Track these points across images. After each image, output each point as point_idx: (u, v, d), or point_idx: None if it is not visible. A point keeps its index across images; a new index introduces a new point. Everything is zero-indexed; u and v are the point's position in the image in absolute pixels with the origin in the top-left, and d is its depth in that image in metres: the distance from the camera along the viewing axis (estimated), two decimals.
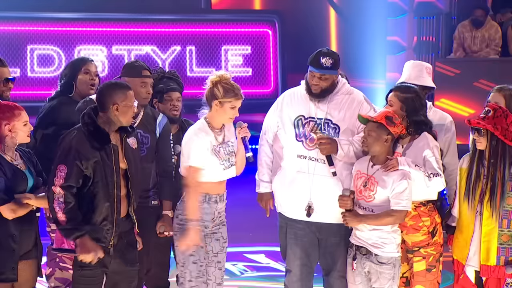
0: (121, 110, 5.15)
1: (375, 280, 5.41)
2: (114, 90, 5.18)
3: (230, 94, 5.41)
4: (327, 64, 5.52)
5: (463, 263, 5.49)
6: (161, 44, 14.05)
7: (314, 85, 5.54)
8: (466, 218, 5.48)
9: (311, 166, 5.54)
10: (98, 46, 13.91)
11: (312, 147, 5.55)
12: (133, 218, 5.30)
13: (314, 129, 5.55)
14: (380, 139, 5.36)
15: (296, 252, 5.68)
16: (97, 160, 5.08)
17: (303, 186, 5.55)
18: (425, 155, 5.46)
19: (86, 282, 5.17)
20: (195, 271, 5.46)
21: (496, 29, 12.42)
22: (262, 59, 14.48)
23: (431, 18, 13.70)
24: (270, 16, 14.53)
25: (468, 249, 5.45)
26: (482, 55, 12.41)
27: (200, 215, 5.45)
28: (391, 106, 5.59)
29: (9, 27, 13.60)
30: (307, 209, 5.56)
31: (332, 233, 5.61)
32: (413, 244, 5.52)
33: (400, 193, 5.32)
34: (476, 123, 5.37)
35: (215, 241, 5.56)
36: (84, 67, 6.18)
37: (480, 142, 5.40)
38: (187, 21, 14.25)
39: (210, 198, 5.50)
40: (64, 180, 5.03)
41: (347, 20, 14.86)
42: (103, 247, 5.15)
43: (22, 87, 12.58)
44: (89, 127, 5.12)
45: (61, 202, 5.03)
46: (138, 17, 14.03)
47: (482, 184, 5.41)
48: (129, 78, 5.89)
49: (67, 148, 5.08)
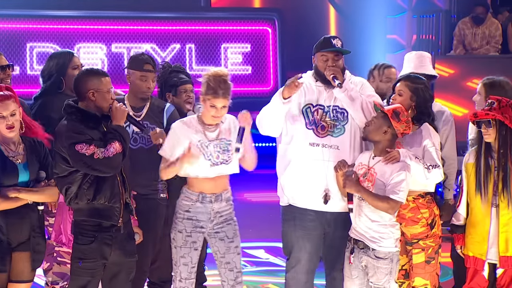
0: (97, 96, 5.13)
1: (372, 275, 5.39)
2: (88, 76, 5.18)
3: (210, 91, 5.34)
4: (338, 44, 5.56)
5: (483, 258, 5.47)
6: (161, 42, 14.05)
7: (331, 67, 5.49)
8: (480, 212, 5.46)
9: (325, 153, 5.51)
10: (98, 44, 13.91)
11: (324, 134, 5.53)
12: (130, 206, 5.28)
13: (324, 117, 5.54)
14: (380, 129, 5.35)
15: (306, 246, 5.63)
16: (100, 137, 5.08)
17: (319, 173, 5.51)
18: (425, 145, 5.46)
19: (86, 274, 5.15)
20: (185, 272, 5.44)
21: (497, 26, 12.41)
22: (261, 57, 14.48)
23: (430, 16, 13.69)
24: (270, 14, 14.54)
25: (486, 244, 5.43)
26: (482, 52, 12.41)
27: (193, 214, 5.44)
28: (400, 96, 5.57)
29: (8, 24, 13.60)
30: (324, 196, 5.51)
31: (340, 226, 5.58)
32: (412, 236, 5.51)
33: (397, 183, 5.29)
34: (484, 115, 5.36)
35: (219, 241, 5.50)
36: (71, 63, 6.11)
37: (489, 134, 5.39)
38: (187, 19, 14.25)
39: (204, 198, 5.45)
40: (88, 146, 5.01)
41: (346, 18, 14.86)
42: (114, 225, 5.15)
43: (22, 85, 12.55)
44: (75, 115, 5.11)
45: (106, 147, 5.04)
46: (138, 15, 14.03)
47: (494, 176, 5.40)
48: (131, 70, 5.90)
49: (67, 133, 5.06)
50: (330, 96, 5.58)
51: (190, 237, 5.43)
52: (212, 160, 5.42)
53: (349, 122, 5.56)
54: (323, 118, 5.55)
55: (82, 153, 5.01)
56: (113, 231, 5.17)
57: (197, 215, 5.45)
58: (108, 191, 5.11)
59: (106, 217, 5.13)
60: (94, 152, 5.01)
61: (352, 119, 5.56)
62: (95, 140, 5.07)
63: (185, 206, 5.46)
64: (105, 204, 5.12)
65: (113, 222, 5.14)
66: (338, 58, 5.57)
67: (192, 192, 5.45)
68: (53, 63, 6.13)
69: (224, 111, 5.42)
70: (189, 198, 5.46)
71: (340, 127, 5.55)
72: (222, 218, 5.51)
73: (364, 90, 5.64)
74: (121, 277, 5.29)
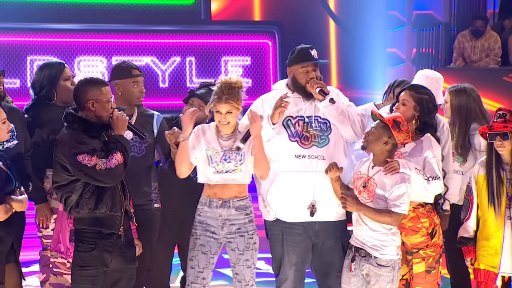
0: (97, 106, 5.13)
1: (374, 283, 5.37)
2: (87, 86, 5.17)
3: (214, 96, 5.34)
4: (316, 55, 5.57)
5: (495, 271, 5.45)
6: (161, 55, 14.04)
7: (315, 81, 5.49)
8: (493, 225, 5.45)
9: (313, 164, 5.51)
10: (98, 57, 13.90)
11: (309, 145, 5.52)
12: (129, 212, 5.28)
13: (306, 128, 5.52)
14: (380, 140, 5.34)
15: (292, 259, 5.62)
16: (102, 147, 5.08)
17: (306, 185, 5.50)
18: (426, 156, 5.45)
19: (87, 281, 5.14)
20: (192, 276, 5.43)
21: (496, 39, 12.45)
22: (262, 70, 14.47)
23: (430, 30, 13.72)
24: (270, 27, 14.54)
25: (499, 256, 5.41)
26: (481, 65, 12.44)
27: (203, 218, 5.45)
28: (404, 105, 5.56)
29: (9, 38, 13.59)
30: (311, 208, 5.51)
31: (328, 235, 5.58)
32: (412, 246, 5.49)
33: (398, 196, 5.29)
34: (502, 127, 5.34)
35: (231, 251, 5.49)
36: (63, 74, 6.05)
37: (504, 147, 5.37)
38: (187, 32, 14.24)
39: (211, 202, 5.44)
40: (91, 157, 5.01)
41: (346, 32, 14.87)
42: (115, 233, 5.14)
43: (22, 98, 12.52)
44: (76, 124, 5.11)
45: (108, 158, 5.04)
46: (138, 28, 14.03)
47: (506, 188, 5.38)
48: (119, 80, 5.87)
49: (70, 143, 5.05)
50: (310, 107, 5.57)
51: (199, 240, 5.43)
52: (216, 168, 5.41)
53: (332, 132, 5.56)
54: (305, 129, 5.53)
55: (84, 164, 5.00)
56: (114, 238, 5.17)
57: (207, 219, 5.45)
58: (110, 200, 5.11)
59: (107, 226, 5.13)
60: (96, 163, 5.00)
61: (335, 128, 5.55)
62: (97, 151, 5.06)
63: (198, 210, 5.49)
64: (106, 213, 5.12)
65: (114, 230, 5.14)
66: (316, 69, 5.57)
67: (203, 197, 5.49)
68: (44, 74, 6.03)
69: (231, 118, 5.37)
70: (201, 202, 5.49)
71: (324, 137, 5.55)
72: (235, 228, 5.46)
73: (340, 100, 5.61)
74: (122, 284, 5.29)
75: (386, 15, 14.67)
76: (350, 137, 5.61)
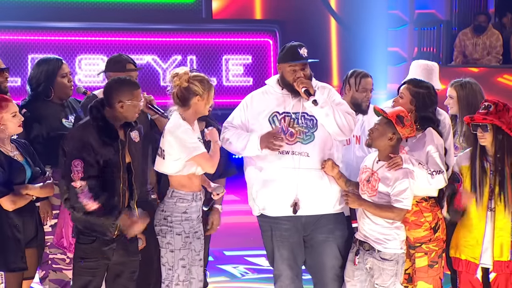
0: (126, 107, 5.12)
1: (377, 277, 5.36)
2: (121, 87, 5.15)
3: (206, 84, 5.35)
4: (305, 54, 5.51)
5: (476, 262, 5.45)
6: (162, 54, 14.05)
7: (301, 80, 5.44)
8: (475, 216, 5.44)
9: (296, 161, 5.47)
10: (99, 55, 13.90)
11: (293, 141, 5.48)
12: (133, 210, 5.25)
13: (292, 124, 5.49)
14: (385, 136, 5.32)
15: (283, 254, 5.60)
16: (110, 158, 5.06)
17: (289, 181, 5.47)
18: (429, 151, 5.43)
19: (87, 273, 5.14)
20: (182, 274, 5.39)
21: (497, 37, 12.43)
22: (263, 69, 14.47)
23: (431, 29, 13.72)
24: (271, 25, 14.54)
25: (480, 247, 5.40)
26: (483, 63, 12.42)
27: (190, 214, 5.40)
28: (402, 98, 5.57)
29: (10, 36, 13.60)
30: (293, 206, 5.48)
31: (318, 229, 5.55)
32: (415, 240, 5.48)
33: (401, 191, 5.28)
34: (482, 119, 5.34)
35: (197, 239, 5.47)
36: (60, 71, 6.01)
37: (485, 138, 5.37)
38: (188, 30, 14.25)
39: (196, 196, 5.42)
40: (83, 173, 4.98)
41: (348, 31, 14.86)
42: (107, 239, 5.13)
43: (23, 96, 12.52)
44: (98, 122, 5.10)
45: (87, 192, 4.98)
46: (139, 27, 14.04)
47: (490, 179, 5.38)
48: (113, 73, 5.81)
49: (80, 143, 5.04)
50: (298, 104, 5.53)
51: (188, 238, 5.39)
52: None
53: (318, 129, 5.52)
54: (291, 125, 5.50)
55: (71, 176, 4.98)
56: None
57: (192, 214, 5.41)
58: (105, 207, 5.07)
59: (99, 232, 5.12)
60: (81, 187, 4.98)
61: (321, 125, 5.50)
62: (95, 167, 5.01)
63: (180, 207, 5.39)
64: (100, 219, 5.09)
65: (106, 237, 5.12)
66: (305, 67, 5.52)
67: (186, 193, 5.39)
68: (41, 70, 5.99)
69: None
70: (185, 199, 5.39)
71: (309, 134, 5.51)
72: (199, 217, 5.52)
73: (331, 97, 5.58)
74: (125, 276, 5.28)
75: (388, 14, 14.67)
76: (337, 135, 5.56)
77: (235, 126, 5.64)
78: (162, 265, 5.40)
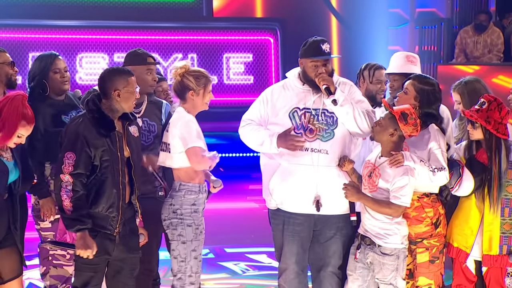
0: (123, 96, 5.12)
1: (378, 271, 5.36)
2: (115, 76, 5.16)
3: (202, 80, 5.39)
4: (327, 49, 5.51)
5: (467, 251, 5.47)
6: (163, 52, 14.08)
7: (323, 76, 5.42)
8: (474, 207, 5.46)
9: (314, 158, 5.45)
10: (100, 53, 13.93)
11: (313, 138, 5.47)
12: (135, 206, 5.26)
13: (312, 120, 5.48)
14: (386, 131, 5.32)
15: (293, 249, 5.59)
16: (105, 148, 5.06)
17: (308, 178, 5.45)
18: (431, 147, 5.42)
19: (89, 269, 5.13)
20: (195, 266, 5.41)
21: (498, 34, 12.41)
22: (263, 67, 14.50)
23: (432, 27, 13.71)
24: (272, 24, 14.57)
25: (473, 238, 5.42)
26: (484, 61, 12.40)
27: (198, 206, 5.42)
28: (406, 94, 5.55)
29: (11, 34, 13.63)
30: (316, 204, 5.46)
31: (328, 225, 5.55)
32: (416, 236, 5.47)
33: (400, 188, 5.27)
34: (469, 116, 5.36)
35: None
36: (53, 67, 5.93)
37: (473, 134, 5.42)
38: (189, 29, 14.28)
39: (202, 188, 5.46)
40: (73, 167, 4.99)
41: (349, 29, 14.88)
42: (109, 234, 5.13)
43: None
44: (94, 114, 5.10)
45: (69, 191, 4.99)
46: (140, 25, 14.07)
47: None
48: (133, 66, 5.81)
49: (74, 135, 5.05)
50: (318, 100, 5.51)
51: (198, 230, 5.41)
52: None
53: (338, 127, 5.50)
54: (311, 122, 5.48)
55: (61, 167, 4.99)
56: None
57: (199, 207, 5.45)
58: (105, 201, 5.09)
59: (100, 226, 5.11)
60: (67, 182, 4.98)
61: (341, 123, 5.49)
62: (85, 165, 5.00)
63: (189, 199, 5.42)
64: (101, 212, 5.10)
65: (107, 231, 5.12)
66: (327, 63, 5.51)
67: (194, 185, 5.44)
68: (36, 65, 5.96)
69: None
70: (192, 191, 5.43)
71: (329, 131, 5.49)
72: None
73: (352, 94, 5.57)
74: (125, 273, 5.28)
75: (389, 13, 14.68)
76: (356, 133, 5.55)
77: (254, 121, 5.63)
78: (173, 258, 5.42)
